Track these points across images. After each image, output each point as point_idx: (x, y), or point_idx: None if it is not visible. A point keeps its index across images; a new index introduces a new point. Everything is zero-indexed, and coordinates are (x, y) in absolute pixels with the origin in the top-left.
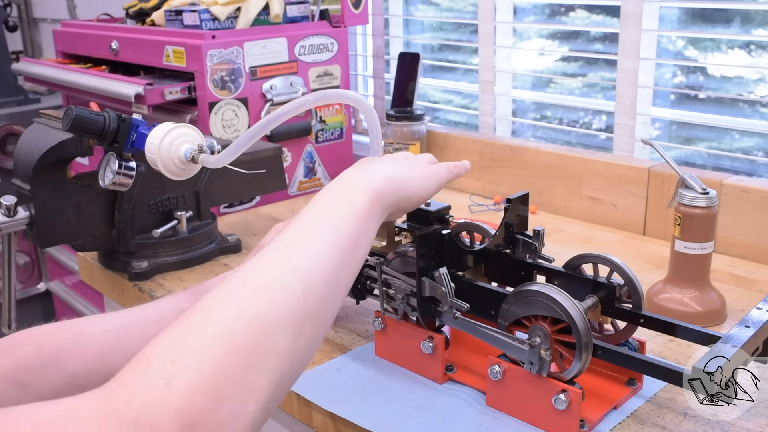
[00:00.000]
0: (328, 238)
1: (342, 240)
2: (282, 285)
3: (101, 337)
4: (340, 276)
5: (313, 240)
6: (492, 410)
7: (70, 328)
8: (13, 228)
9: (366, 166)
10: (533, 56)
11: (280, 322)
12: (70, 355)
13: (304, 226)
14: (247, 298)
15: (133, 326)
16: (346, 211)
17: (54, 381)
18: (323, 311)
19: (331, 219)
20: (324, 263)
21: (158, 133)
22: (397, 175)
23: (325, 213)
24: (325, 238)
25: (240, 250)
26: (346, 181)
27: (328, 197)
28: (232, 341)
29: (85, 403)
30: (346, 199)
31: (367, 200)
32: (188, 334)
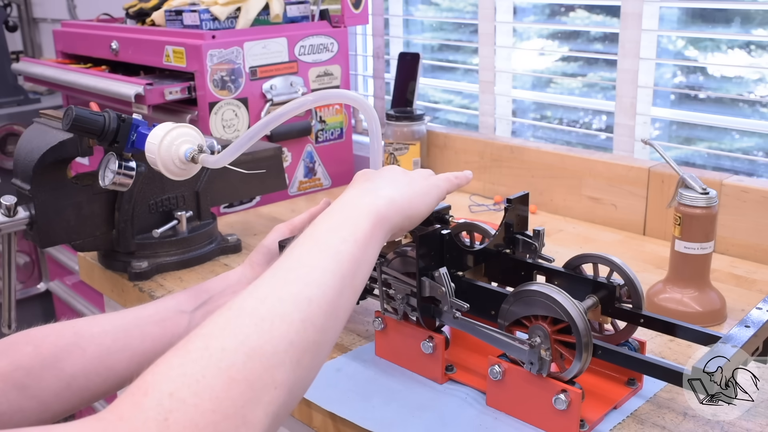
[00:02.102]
0: (329, 265)
1: (342, 266)
2: (281, 314)
3: (101, 338)
4: (340, 303)
5: (314, 266)
6: (492, 410)
7: (69, 329)
8: (13, 228)
9: (367, 186)
10: (533, 56)
11: (278, 354)
12: (70, 356)
13: (305, 250)
14: (246, 329)
15: (133, 327)
16: (347, 236)
17: (54, 382)
18: (322, 341)
19: (332, 244)
20: (323, 291)
21: (158, 133)
22: (399, 195)
23: (326, 237)
24: (326, 264)
25: (240, 250)
26: (348, 203)
27: (330, 221)
28: (231, 374)
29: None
30: (347, 223)
31: (369, 224)
32: (187, 364)
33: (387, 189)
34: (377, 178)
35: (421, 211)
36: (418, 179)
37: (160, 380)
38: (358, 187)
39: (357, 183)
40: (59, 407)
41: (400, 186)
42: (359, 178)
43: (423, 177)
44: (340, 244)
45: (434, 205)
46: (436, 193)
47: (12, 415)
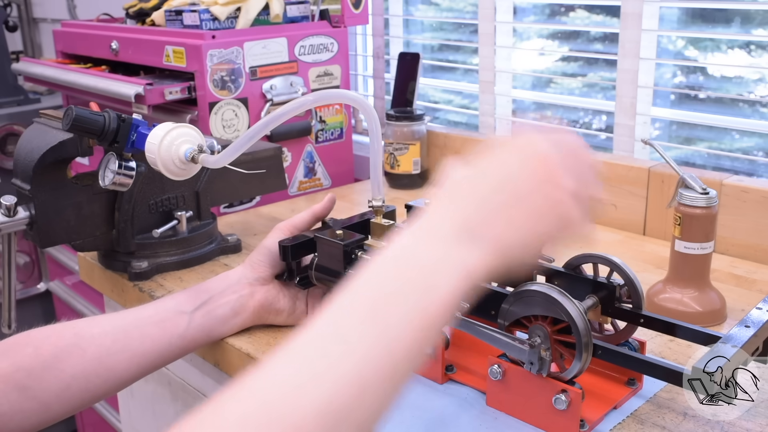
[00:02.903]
0: (374, 353)
1: (393, 357)
2: (293, 411)
3: (100, 339)
4: (372, 407)
5: (354, 351)
6: (492, 410)
7: (69, 330)
8: (13, 228)
9: (464, 218)
10: (533, 56)
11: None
12: (70, 357)
13: (350, 319)
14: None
15: (133, 327)
16: (413, 311)
17: (54, 383)
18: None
19: (389, 321)
20: (355, 392)
21: (158, 133)
22: (515, 236)
23: (384, 307)
24: (371, 352)
25: (240, 250)
26: (429, 252)
27: (396, 278)
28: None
29: None
30: (419, 289)
31: (450, 295)
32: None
33: (495, 228)
34: (483, 199)
35: (531, 244)
36: (542, 205)
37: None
38: (442, 220)
39: (442, 207)
40: (60, 408)
41: (515, 220)
42: (453, 186)
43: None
44: (399, 320)
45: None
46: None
47: (12, 415)
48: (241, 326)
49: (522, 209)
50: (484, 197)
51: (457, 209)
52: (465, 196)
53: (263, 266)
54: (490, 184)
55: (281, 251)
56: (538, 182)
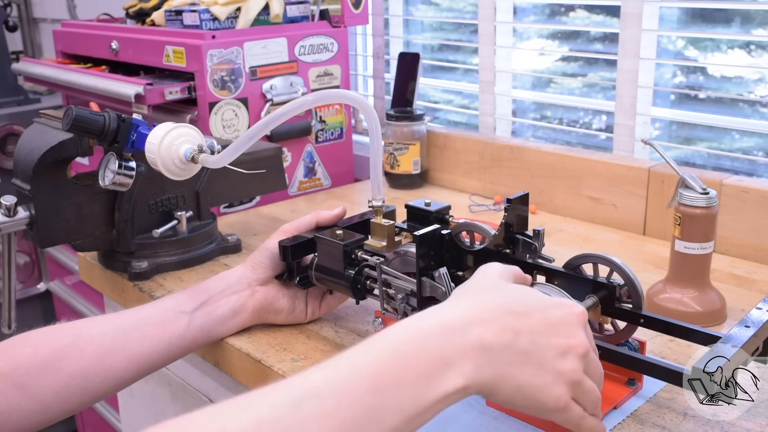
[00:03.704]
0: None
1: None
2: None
3: (99, 339)
4: None
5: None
6: (492, 410)
7: (68, 330)
8: (13, 228)
9: (489, 335)
10: (533, 56)
11: None
12: (68, 357)
13: (342, 400)
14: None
15: (132, 328)
16: (405, 407)
17: (52, 382)
18: None
19: (385, 405)
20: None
21: (158, 133)
22: (512, 386)
23: (377, 397)
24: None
25: (240, 250)
26: (445, 346)
27: (393, 371)
28: None
29: None
30: (414, 388)
31: (441, 401)
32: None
33: (500, 364)
34: (505, 322)
35: (516, 408)
36: (551, 369)
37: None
38: (472, 325)
39: (478, 312)
40: (58, 407)
41: (522, 366)
42: (486, 305)
43: (558, 373)
44: (391, 414)
45: (533, 414)
46: (541, 410)
47: (11, 414)
48: (241, 326)
49: (534, 364)
50: (513, 331)
51: (488, 327)
52: (500, 321)
53: (263, 267)
54: (524, 325)
55: (281, 251)
56: (559, 349)
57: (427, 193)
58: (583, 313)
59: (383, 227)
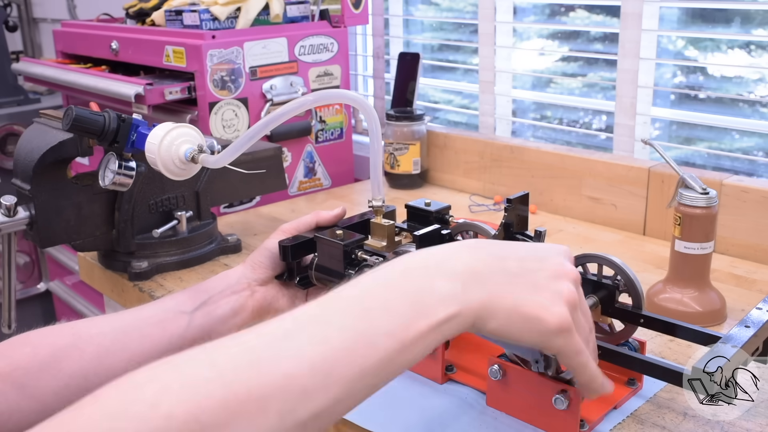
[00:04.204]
0: (349, 345)
1: (366, 359)
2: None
3: (99, 339)
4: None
5: (331, 337)
6: (492, 410)
7: (67, 330)
8: (13, 228)
9: (475, 261)
10: (533, 56)
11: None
12: (68, 357)
13: (335, 317)
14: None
15: (132, 328)
16: (396, 330)
17: (52, 382)
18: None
19: (374, 323)
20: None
21: (158, 133)
22: (508, 302)
23: (375, 308)
24: (346, 343)
25: (240, 250)
26: (425, 281)
27: (388, 295)
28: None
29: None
30: (407, 310)
31: (433, 324)
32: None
33: (490, 284)
34: (492, 250)
35: (517, 335)
36: (546, 287)
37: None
38: (459, 254)
39: (464, 246)
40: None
41: (514, 285)
42: (472, 242)
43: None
44: (382, 337)
45: (535, 342)
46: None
47: (11, 414)
48: (241, 326)
49: (525, 280)
50: (500, 254)
51: (473, 255)
52: (484, 247)
53: (263, 267)
54: (509, 249)
55: (281, 251)
56: (549, 270)
57: (427, 193)
58: (568, 251)
59: (383, 227)
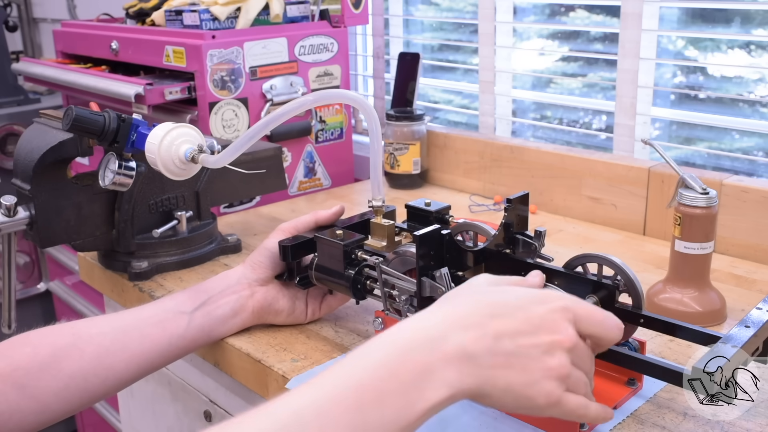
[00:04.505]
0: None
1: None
2: None
3: (99, 339)
4: None
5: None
6: (492, 410)
7: (67, 330)
8: (13, 228)
9: (471, 343)
10: (533, 56)
11: None
12: (68, 357)
13: (335, 403)
14: None
15: (132, 328)
16: (393, 419)
17: (52, 382)
18: None
19: (369, 418)
20: None
21: (158, 133)
22: (500, 388)
23: (368, 402)
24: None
25: (240, 250)
26: (430, 355)
27: (392, 369)
28: None
29: None
30: (401, 398)
31: (432, 406)
32: None
33: (484, 368)
34: (488, 328)
35: (507, 409)
36: (538, 367)
37: None
38: (455, 331)
39: (460, 320)
40: (59, 407)
41: (507, 368)
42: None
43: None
44: (379, 424)
45: (525, 413)
46: (534, 409)
47: (11, 414)
48: (241, 326)
49: (519, 365)
50: (496, 335)
51: (467, 334)
52: (479, 324)
53: (263, 267)
54: (505, 321)
55: (281, 251)
56: (545, 346)
57: (427, 193)
58: (566, 308)
59: (383, 227)
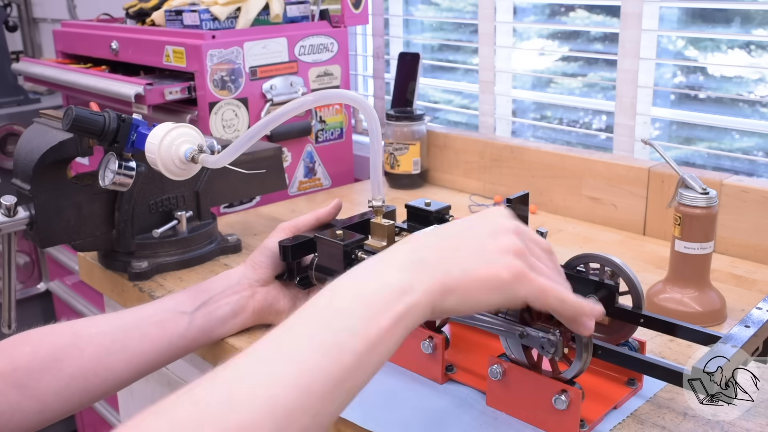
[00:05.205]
0: (320, 362)
1: (335, 369)
2: (246, 409)
3: (99, 339)
4: (317, 410)
5: (301, 359)
6: (492, 410)
7: (67, 330)
8: (13, 228)
9: (413, 250)
10: (533, 56)
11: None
12: (68, 356)
13: (302, 329)
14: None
15: (132, 327)
16: (358, 328)
17: (52, 382)
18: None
19: (337, 333)
20: (300, 395)
21: (158, 133)
22: (458, 273)
23: (332, 321)
24: (316, 360)
25: (240, 250)
26: (379, 276)
27: (347, 296)
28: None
29: None
30: (366, 308)
31: (394, 316)
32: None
33: (444, 260)
34: (431, 238)
35: (477, 304)
36: (489, 247)
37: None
38: (401, 249)
39: (404, 241)
40: (59, 407)
41: (461, 257)
42: (411, 236)
43: (496, 245)
44: (346, 337)
45: (499, 300)
46: (504, 287)
47: (12, 414)
48: (242, 326)
49: (468, 250)
50: (438, 238)
51: (412, 245)
52: (423, 237)
53: (264, 267)
54: (445, 230)
55: (281, 251)
56: (486, 232)
57: (427, 193)
58: (503, 208)
59: (383, 227)
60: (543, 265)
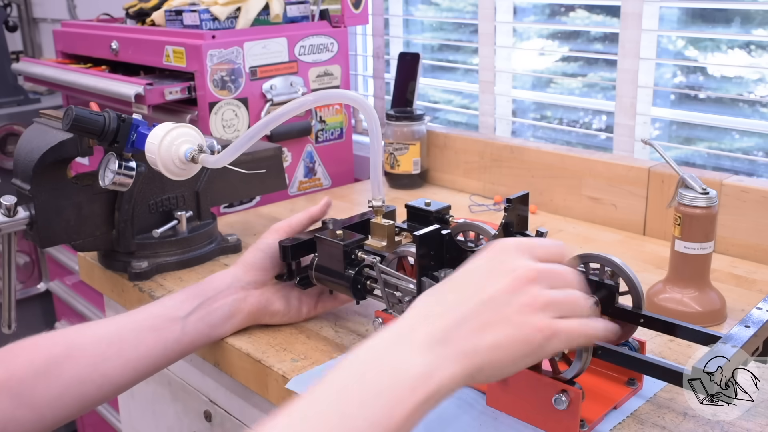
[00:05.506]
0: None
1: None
2: None
3: (94, 346)
4: None
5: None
6: (492, 410)
7: (62, 338)
8: (13, 228)
9: (437, 329)
10: (533, 56)
11: None
12: (63, 365)
13: (320, 419)
14: None
15: (128, 332)
16: (380, 419)
17: (47, 391)
18: None
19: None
20: None
21: (158, 133)
22: (485, 351)
23: (352, 413)
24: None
25: (240, 250)
26: (404, 353)
27: (365, 386)
28: None
29: None
30: (386, 399)
31: (416, 402)
32: None
33: (459, 344)
34: (448, 308)
35: (503, 372)
36: (512, 311)
37: None
38: (419, 328)
39: (419, 314)
40: (55, 415)
41: (482, 332)
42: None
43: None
44: (366, 426)
45: (532, 361)
46: (536, 349)
47: (6, 424)
48: (238, 327)
49: (491, 319)
50: (456, 306)
51: (430, 323)
52: (437, 304)
53: (256, 269)
54: (460, 294)
55: (281, 251)
56: (504, 289)
57: (427, 193)
58: (517, 241)
59: (383, 227)
60: (567, 297)
